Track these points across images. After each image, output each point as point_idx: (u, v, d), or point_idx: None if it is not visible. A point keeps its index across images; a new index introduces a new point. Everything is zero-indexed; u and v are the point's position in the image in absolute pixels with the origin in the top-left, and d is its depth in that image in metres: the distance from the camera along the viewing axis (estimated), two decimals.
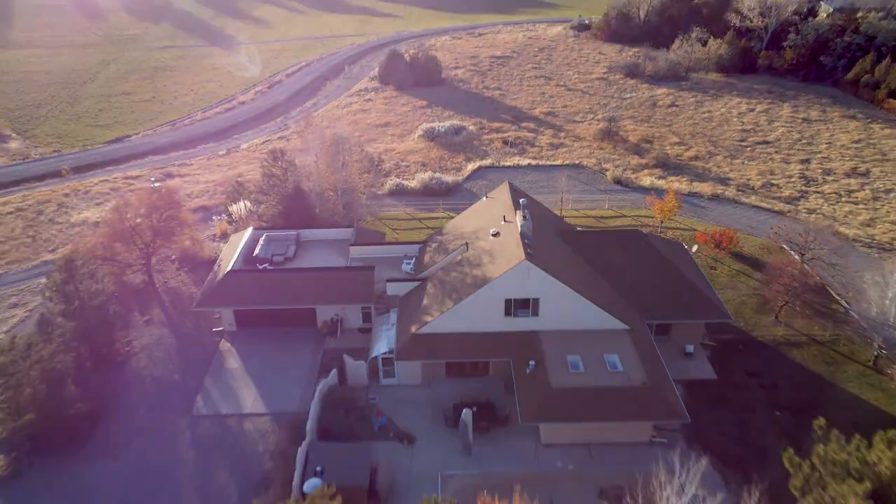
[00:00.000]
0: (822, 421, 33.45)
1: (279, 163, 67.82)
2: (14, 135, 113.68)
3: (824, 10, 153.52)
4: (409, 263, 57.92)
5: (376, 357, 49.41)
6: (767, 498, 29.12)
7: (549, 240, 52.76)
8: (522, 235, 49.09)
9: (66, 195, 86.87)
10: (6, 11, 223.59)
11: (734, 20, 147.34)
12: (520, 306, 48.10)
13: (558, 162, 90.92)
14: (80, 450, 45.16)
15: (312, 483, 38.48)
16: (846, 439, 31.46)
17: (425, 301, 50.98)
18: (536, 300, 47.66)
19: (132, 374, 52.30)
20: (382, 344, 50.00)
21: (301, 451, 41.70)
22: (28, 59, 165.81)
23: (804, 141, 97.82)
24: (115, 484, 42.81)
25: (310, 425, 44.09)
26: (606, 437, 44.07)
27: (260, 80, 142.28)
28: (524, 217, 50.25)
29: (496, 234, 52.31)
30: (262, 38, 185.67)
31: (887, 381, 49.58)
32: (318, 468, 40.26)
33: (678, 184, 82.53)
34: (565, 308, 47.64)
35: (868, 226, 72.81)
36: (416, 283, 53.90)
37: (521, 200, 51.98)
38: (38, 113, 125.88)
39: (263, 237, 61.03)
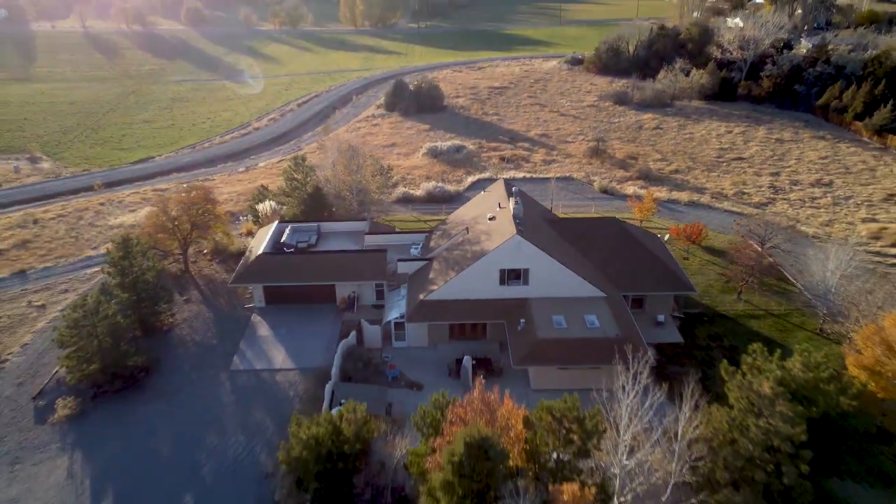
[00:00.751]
0: (756, 345, 41.41)
1: (300, 168, 76.59)
2: (45, 157, 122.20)
3: (804, 47, 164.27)
4: (416, 248, 66.24)
5: (389, 322, 57.41)
6: (702, 387, 36.85)
7: (537, 223, 61.22)
8: (514, 216, 57.53)
9: (102, 204, 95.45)
10: (29, 49, 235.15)
11: (716, 53, 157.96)
12: (512, 276, 56.30)
13: (551, 175, 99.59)
14: (136, 395, 53.02)
15: (338, 410, 46.09)
16: (769, 352, 39.45)
17: (431, 275, 59.20)
18: (527, 270, 55.88)
19: (176, 339, 60.37)
20: (395, 311, 58.02)
21: (328, 387, 49.65)
22: (51, 91, 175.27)
23: (776, 157, 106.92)
24: (168, 420, 50.63)
25: (334, 371, 52.06)
26: (587, 383, 51.54)
27: (273, 108, 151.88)
28: (516, 202, 58.75)
29: (492, 219, 60.79)
30: (273, 72, 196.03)
31: (828, 345, 57.38)
32: (343, 400, 47.94)
33: (659, 192, 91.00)
34: (551, 277, 55.76)
35: (826, 225, 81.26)
36: (423, 263, 62.10)
37: (513, 189, 60.57)
38: (65, 138, 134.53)
39: (289, 228, 69.39)
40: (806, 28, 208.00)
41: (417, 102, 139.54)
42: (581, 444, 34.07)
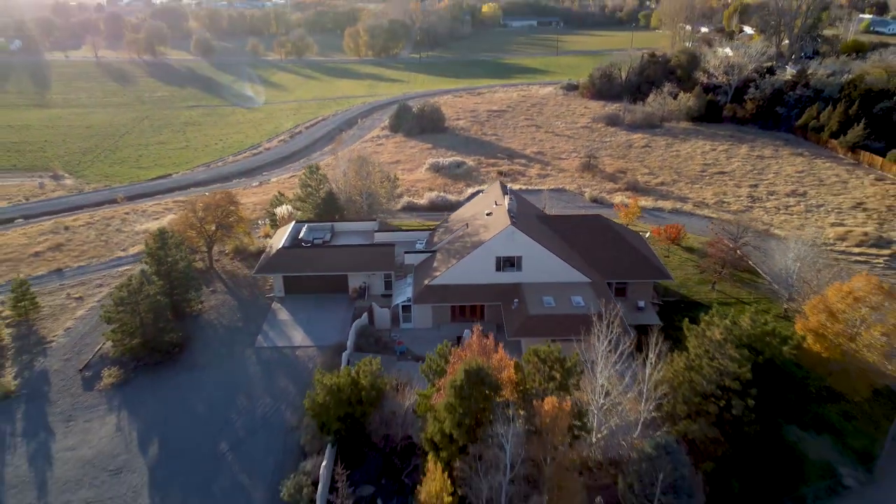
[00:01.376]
0: (713, 309, 48.20)
1: (314, 175, 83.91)
2: (67, 175, 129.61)
3: (788, 74, 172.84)
4: (421, 243, 73.23)
5: (397, 305, 64.20)
6: (665, 339, 43.63)
7: (530, 218, 68.38)
8: (509, 210, 64.63)
9: (127, 213, 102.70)
10: (45, 77, 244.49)
11: (702, 78, 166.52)
12: (507, 263, 63.26)
13: (545, 187, 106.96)
14: (173, 367, 59.68)
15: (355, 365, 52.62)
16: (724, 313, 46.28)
17: (435, 264, 66.17)
18: (520, 258, 62.85)
19: (205, 322, 67.14)
20: (402, 295, 64.86)
21: (344, 356, 56.33)
22: (69, 116, 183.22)
23: (755, 172, 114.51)
24: (203, 386, 57.21)
25: (349, 343, 58.78)
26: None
27: (282, 131, 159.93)
28: (510, 199, 65.92)
29: (489, 214, 67.92)
30: (281, 98, 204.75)
31: (789, 325, 63.97)
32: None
33: (645, 202, 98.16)
34: (542, 264, 62.67)
35: (798, 229, 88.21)
36: (428, 254, 69.07)
37: (507, 187, 67.82)
38: (84, 158, 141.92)
39: (305, 226, 76.44)
40: (793, 57, 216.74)
41: (420, 124, 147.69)
42: (562, 380, 40.69)
